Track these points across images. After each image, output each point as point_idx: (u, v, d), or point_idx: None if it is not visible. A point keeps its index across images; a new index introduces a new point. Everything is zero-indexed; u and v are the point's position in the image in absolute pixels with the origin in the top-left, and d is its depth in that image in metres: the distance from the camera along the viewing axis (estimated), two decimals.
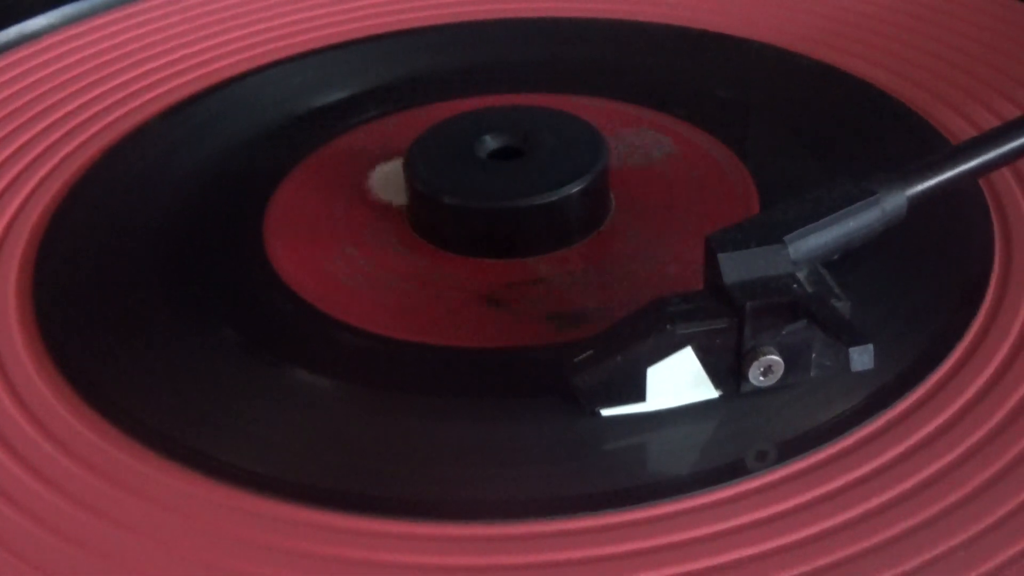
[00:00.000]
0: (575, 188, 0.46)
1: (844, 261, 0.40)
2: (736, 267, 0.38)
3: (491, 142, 0.49)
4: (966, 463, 0.37)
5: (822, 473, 0.36)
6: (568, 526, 0.35)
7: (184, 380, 0.42)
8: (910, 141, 0.52)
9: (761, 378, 0.38)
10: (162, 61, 0.60)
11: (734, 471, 0.37)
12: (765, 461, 0.37)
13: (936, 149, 0.47)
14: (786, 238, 0.38)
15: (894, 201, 0.41)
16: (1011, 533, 0.34)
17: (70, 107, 0.57)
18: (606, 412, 0.38)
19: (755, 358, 0.37)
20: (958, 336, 0.41)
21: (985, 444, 0.37)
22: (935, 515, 0.35)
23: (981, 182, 0.48)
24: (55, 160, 0.53)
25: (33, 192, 0.51)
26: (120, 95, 0.58)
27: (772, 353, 0.37)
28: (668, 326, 0.37)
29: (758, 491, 0.36)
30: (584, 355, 0.38)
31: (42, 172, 0.52)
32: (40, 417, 0.40)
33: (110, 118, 0.56)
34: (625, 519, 0.35)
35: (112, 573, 0.35)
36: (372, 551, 0.35)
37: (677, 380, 0.38)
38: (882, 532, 0.34)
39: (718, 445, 0.38)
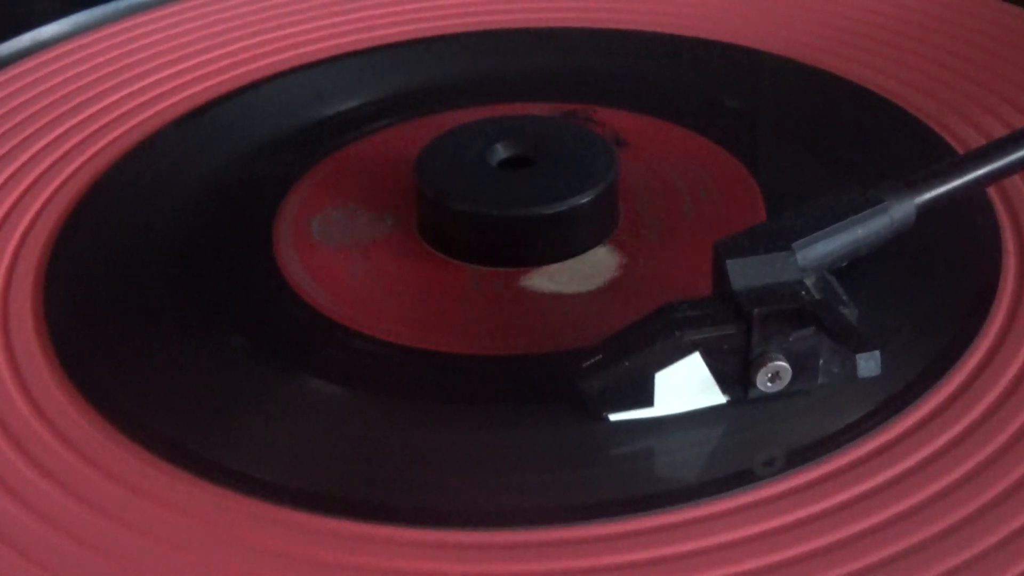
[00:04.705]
0: (585, 198, 0.46)
1: (853, 268, 0.40)
2: (744, 273, 0.38)
3: (501, 151, 0.49)
4: (979, 475, 0.36)
5: (830, 484, 0.36)
6: (576, 533, 0.35)
7: (194, 386, 0.42)
8: (918, 149, 0.52)
9: (768, 384, 0.38)
10: (173, 70, 0.61)
11: (741, 479, 0.37)
12: (772, 469, 0.37)
13: (944, 157, 0.47)
14: (794, 245, 0.38)
15: (902, 209, 0.41)
16: None
17: (82, 115, 0.57)
18: (614, 417, 0.38)
19: (763, 364, 0.37)
20: (969, 345, 0.41)
21: (999, 456, 0.37)
22: (946, 529, 0.35)
23: (992, 188, 0.47)
24: (69, 168, 0.53)
25: (47, 201, 0.51)
26: (132, 104, 0.58)
27: (779, 359, 0.37)
28: (676, 332, 0.37)
29: (764, 501, 0.36)
30: (592, 360, 0.38)
31: (56, 180, 0.53)
32: (51, 421, 0.40)
33: (123, 127, 0.56)
34: (632, 527, 0.35)
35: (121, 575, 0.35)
36: (380, 558, 0.35)
37: (685, 385, 0.38)
38: (890, 545, 0.34)
39: (725, 452, 0.38)
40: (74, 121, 0.57)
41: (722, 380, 0.38)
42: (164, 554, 0.35)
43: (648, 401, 0.38)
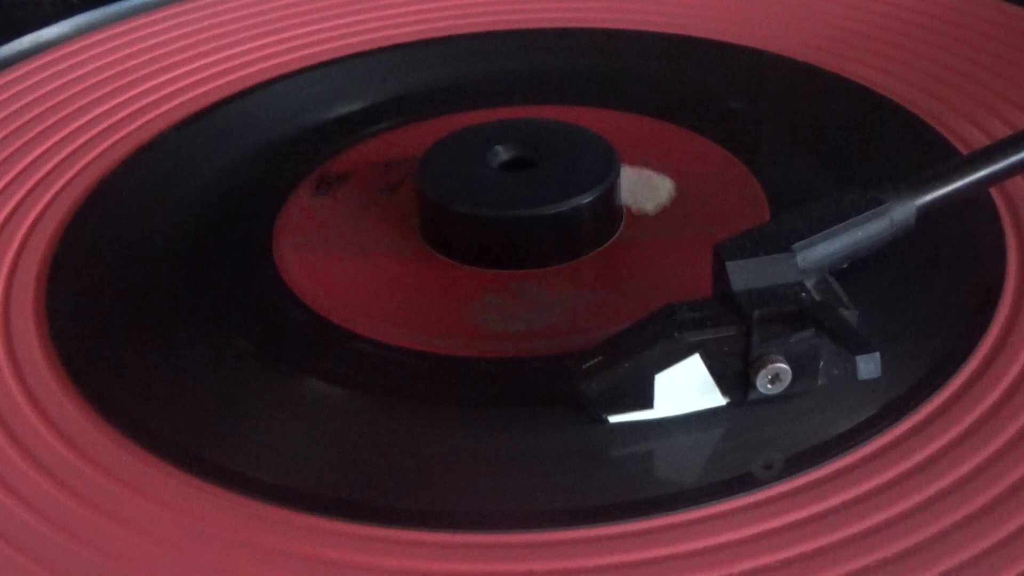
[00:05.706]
0: (586, 199, 0.46)
1: (854, 270, 0.40)
2: (744, 275, 0.38)
3: (503, 153, 0.49)
4: (979, 476, 0.36)
5: (829, 485, 0.36)
6: (575, 535, 0.35)
7: (195, 388, 0.42)
8: (920, 151, 0.52)
9: (768, 386, 0.38)
10: (175, 73, 0.61)
11: (741, 482, 0.37)
12: (772, 472, 0.37)
13: (946, 159, 0.47)
14: (794, 247, 0.38)
15: (903, 211, 0.41)
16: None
17: (84, 118, 0.57)
18: (613, 419, 0.38)
19: (763, 366, 0.37)
20: (972, 347, 0.41)
21: (999, 457, 0.37)
22: (946, 528, 0.35)
23: (994, 189, 0.47)
24: (72, 170, 0.54)
25: (49, 204, 0.51)
26: (134, 107, 0.58)
27: (780, 361, 0.37)
28: (676, 333, 0.37)
29: (764, 502, 0.36)
30: (592, 362, 0.38)
31: (58, 183, 0.53)
32: (52, 423, 0.40)
33: (124, 129, 0.57)
34: (632, 529, 0.35)
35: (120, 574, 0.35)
36: (380, 559, 0.35)
37: (685, 387, 0.38)
38: (892, 545, 0.34)
39: (725, 454, 0.38)
40: (76, 124, 0.57)
41: (722, 382, 0.38)
42: (164, 554, 0.35)
43: (648, 403, 0.38)
